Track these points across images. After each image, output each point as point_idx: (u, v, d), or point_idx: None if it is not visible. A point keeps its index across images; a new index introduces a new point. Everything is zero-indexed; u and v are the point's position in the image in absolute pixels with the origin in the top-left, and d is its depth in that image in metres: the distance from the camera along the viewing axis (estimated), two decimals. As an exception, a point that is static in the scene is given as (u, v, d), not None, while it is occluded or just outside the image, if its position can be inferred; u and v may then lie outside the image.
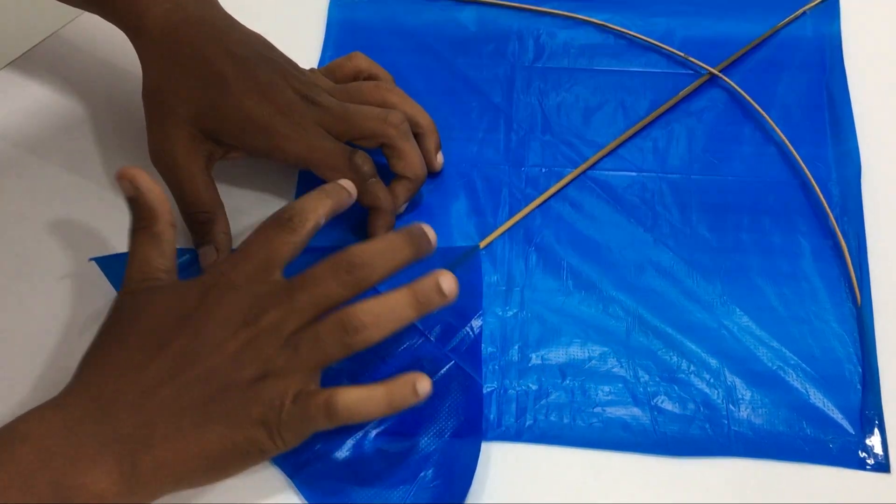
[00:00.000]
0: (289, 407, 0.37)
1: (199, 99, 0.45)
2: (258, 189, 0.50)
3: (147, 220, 0.41)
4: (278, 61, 0.47)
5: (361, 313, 0.38)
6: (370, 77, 0.51)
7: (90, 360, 0.38)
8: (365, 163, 0.45)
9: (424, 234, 0.40)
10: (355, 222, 0.48)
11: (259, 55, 0.46)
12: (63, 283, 0.47)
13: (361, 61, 0.51)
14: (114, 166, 0.52)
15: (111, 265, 0.47)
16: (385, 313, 0.38)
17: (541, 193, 0.50)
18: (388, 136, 0.46)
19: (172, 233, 0.41)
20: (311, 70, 0.50)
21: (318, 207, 0.41)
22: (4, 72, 0.55)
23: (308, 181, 0.48)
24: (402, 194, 0.48)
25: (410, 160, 0.47)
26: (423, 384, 0.38)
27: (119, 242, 0.48)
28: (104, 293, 0.46)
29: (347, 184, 0.43)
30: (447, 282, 0.39)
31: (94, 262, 0.47)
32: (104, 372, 0.37)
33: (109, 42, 0.56)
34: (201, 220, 0.46)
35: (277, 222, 0.40)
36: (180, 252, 0.48)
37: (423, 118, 0.49)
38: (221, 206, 0.47)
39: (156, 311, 0.38)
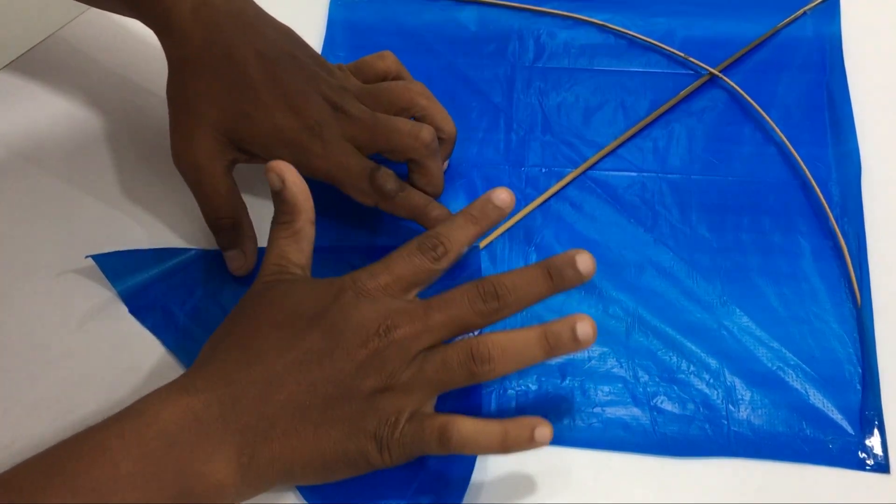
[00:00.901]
0: (403, 425, 0.37)
1: (227, 106, 0.45)
2: (257, 192, 0.50)
3: (290, 214, 0.41)
4: (308, 62, 0.46)
5: (492, 344, 0.37)
6: (397, 78, 0.50)
7: (219, 344, 0.38)
8: (387, 181, 0.45)
9: (568, 266, 0.38)
10: (355, 222, 0.48)
11: (290, 56, 0.46)
12: (61, 280, 0.47)
13: (391, 62, 0.50)
14: (112, 165, 0.52)
15: (108, 262, 0.47)
16: (513, 349, 0.38)
17: (541, 193, 0.50)
18: (416, 153, 0.46)
19: (312, 230, 0.42)
20: (339, 67, 0.49)
21: (463, 237, 0.40)
22: (4, 72, 0.55)
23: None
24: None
25: (433, 177, 0.47)
26: (543, 432, 0.37)
27: (116, 241, 0.48)
28: (101, 290, 0.47)
29: (498, 197, 0.41)
30: (583, 327, 0.38)
31: (92, 261, 0.47)
32: (234, 358, 0.37)
33: (108, 43, 0.56)
34: (225, 225, 0.46)
35: (421, 248, 0.40)
36: (180, 251, 0.48)
37: (449, 125, 0.48)
38: (244, 208, 0.47)
39: (291, 304, 0.38)
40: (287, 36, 0.47)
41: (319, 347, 0.37)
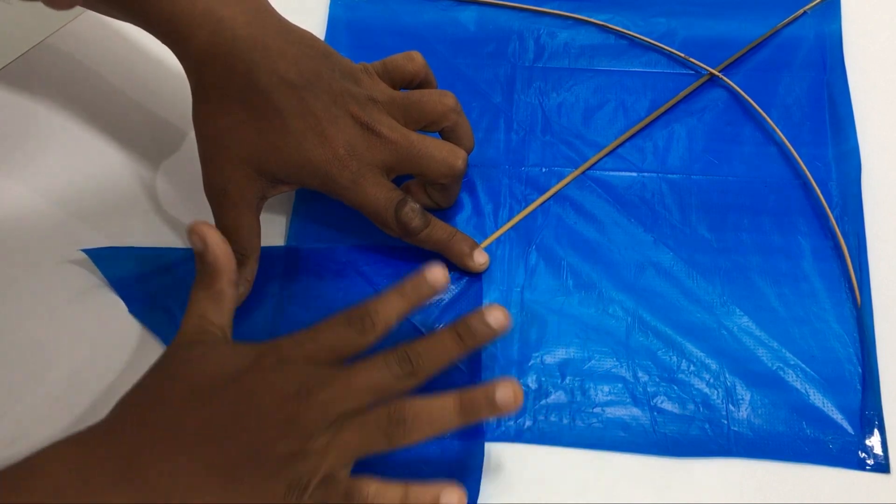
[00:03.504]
0: (312, 491, 0.36)
1: (255, 139, 0.43)
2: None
3: (210, 276, 0.40)
4: (335, 77, 0.45)
5: (408, 409, 0.37)
6: (424, 82, 0.49)
7: (129, 403, 0.37)
8: (413, 218, 0.45)
9: (479, 324, 0.38)
10: (356, 225, 0.48)
11: (315, 76, 0.44)
12: (60, 279, 0.47)
13: (420, 66, 0.48)
14: (111, 166, 0.52)
15: (101, 257, 0.47)
16: (428, 415, 0.37)
17: (541, 193, 0.50)
18: (446, 180, 0.46)
19: (233, 291, 0.41)
20: (366, 70, 0.47)
21: (393, 312, 0.39)
22: (3, 72, 0.56)
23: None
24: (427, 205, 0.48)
25: (452, 197, 0.48)
26: (449, 499, 0.37)
27: (116, 241, 0.48)
28: (101, 289, 0.47)
29: (432, 276, 0.40)
30: (502, 392, 0.37)
31: (86, 257, 0.47)
32: (142, 417, 0.36)
33: (106, 44, 0.56)
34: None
35: (349, 321, 0.39)
36: (178, 251, 0.48)
37: (471, 141, 0.49)
38: (257, 251, 0.46)
39: (209, 365, 0.37)
40: (311, 48, 0.45)
41: (232, 409, 0.36)
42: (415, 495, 0.37)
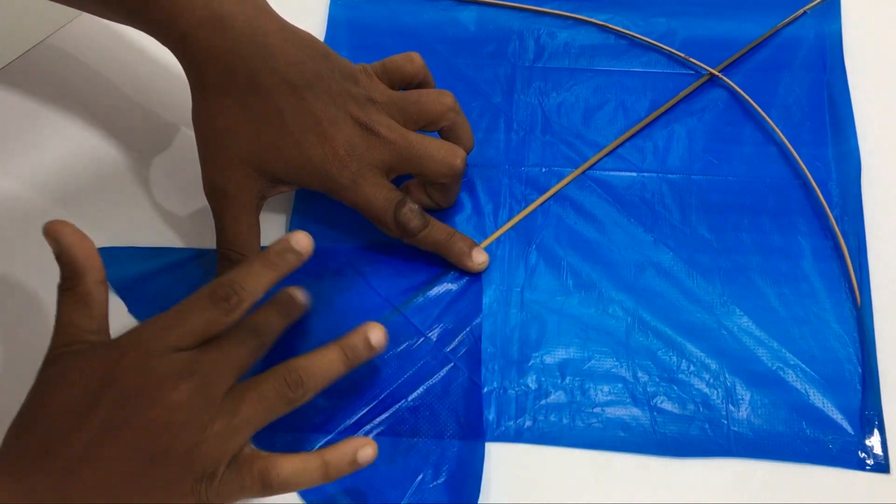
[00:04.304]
0: (223, 473, 0.35)
1: (255, 139, 0.43)
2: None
3: (73, 279, 0.38)
4: (334, 77, 0.44)
5: (301, 369, 0.38)
6: (423, 83, 0.49)
7: (13, 432, 0.35)
8: (412, 219, 0.45)
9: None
10: (356, 225, 0.48)
11: (316, 77, 0.44)
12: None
13: (419, 67, 0.48)
14: (110, 166, 0.52)
15: (101, 256, 0.47)
16: (318, 369, 0.38)
17: (541, 193, 0.50)
18: (446, 179, 0.46)
19: (102, 290, 0.38)
20: (365, 70, 0.47)
21: (259, 284, 0.38)
22: (3, 72, 0.56)
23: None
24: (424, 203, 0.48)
25: (452, 197, 0.48)
26: (366, 452, 0.38)
27: (115, 241, 0.48)
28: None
29: (297, 241, 0.39)
30: (376, 335, 0.40)
31: None
32: (26, 445, 0.34)
33: (104, 45, 0.56)
34: (232, 258, 0.45)
35: (213, 298, 0.37)
36: (177, 251, 0.48)
37: (471, 140, 0.49)
38: (257, 251, 0.46)
39: (76, 377, 0.35)
40: (311, 49, 0.45)
41: (113, 419, 0.34)
42: (334, 462, 0.37)
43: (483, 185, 0.51)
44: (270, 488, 0.36)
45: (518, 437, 0.43)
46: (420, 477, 0.41)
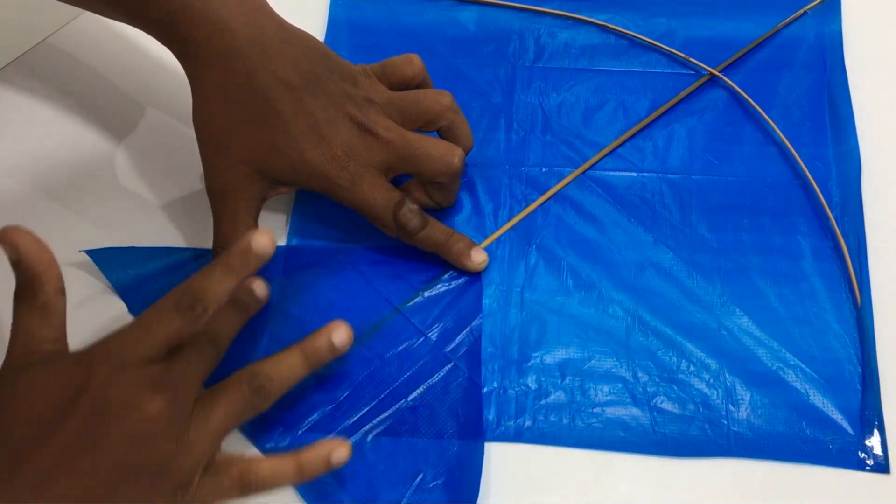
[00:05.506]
0: (198, 482, 0.36)
1: (254, 140, 0.44)
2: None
3: (31, 287, 0.36)
4: (332, 78, 0.45)
5: (263, 376, 0.38)
6: (422, 85, 0.49)
7: None
8: (411, 219, 0.45)
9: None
10: (356, 225, 0.48)
11: (314, 77, 0.44)
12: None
13: (419, 69, 0.48)
14: (110, 166, 0.52)
15: (103, 257, 0.47)
16: (280, 374, 0.39)
17: (541, 193, 0.50)
18: (444, 178, 0.46)
19: (61, 300, 0.37)
20: (364, 71, 0.47)
21: (222, 289, 0.37)
22: (3, 73, 0.56)
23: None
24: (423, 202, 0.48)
25: (451, 196, 0.48)
26: (340, 454, 0.38)
27: (115, 241, 0.48)
28: (101, 289, 0.47)
29: (258, 244, 0.37)
30: (339, 336, 0.40)
31: (88, 259, 0.47)
32: None
33: (103, 46, 0.56)
34: None
35: (178, 307, 0.36)
36: (177, 251, 0.48)
37: (470, 140, 0.48)
38: None
39: (39, 391, 0.34)
40: (309, 49, 0.45)
41: (86, 432, 0.33)
42: (308, 463, 0.38)
43: (483, 185, 0.51)
44: (249, 490, 0.37)
45: (518, 437, 0.43)
46: (420, 477, 0.41)
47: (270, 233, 0.37)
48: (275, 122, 0.43)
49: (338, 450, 0.38)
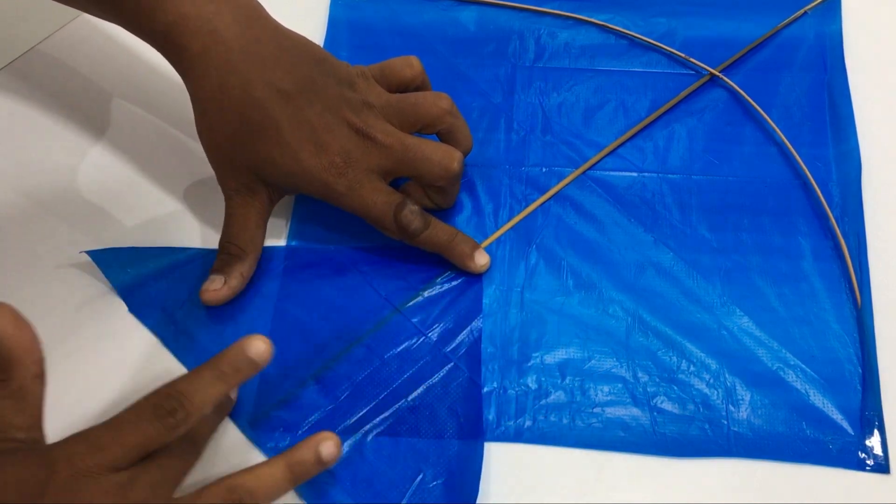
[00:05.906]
0: None
1: (253, 150, 0.44)
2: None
3: (5, 371, 0.34)
4: (329, 83, 0.45)
5: (244, 491, 0.35)
6: (421, 87, 0.49)
7: None
8: (412, 220, 0.45)
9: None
10: (356, 225, 0.48)
11: (310, 83, 0.44)
12: (59, 278, 0.47)
13: (418, 71, 0.48)
14: (110, 166, 0.52)
15: (102, 258, 0.47)
16: (263, 488, 0.36)
17: (541, 193, 0.50)
18: (443, 181, 0.46)
19: (38, 385, 0.35)
20: (362, 73, 0.47)
21: (208, 397, 0.35)
22: (3, 73, 0.56)
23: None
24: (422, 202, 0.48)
25: (451, 198, 0.48)
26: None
27: (115, 241, 0.48)
28: (100, 289, 0.47)
29: (253, 349, 0.36)
30: (327, 448, 0.37)
31: (89, 258, 0.47)
32: None
33: (103, 46, 0.56)
34: (232, 251, 0.45)
35: (157, 412, 0.34)
36: (178, 250, 0.48)
37: (469, 142, 0.48)
38: (257, 250, 0.46)
39: (1, 486, 0.32)
40: (305, 54, 0.45)
41: None
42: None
43: (483, 185, 0.51)
44: None
45: (518, 436, 0.43)
46: (420, 477, 0.41)
47: (266, 338, 0.36)
48: (272, 133, 0.43)
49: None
